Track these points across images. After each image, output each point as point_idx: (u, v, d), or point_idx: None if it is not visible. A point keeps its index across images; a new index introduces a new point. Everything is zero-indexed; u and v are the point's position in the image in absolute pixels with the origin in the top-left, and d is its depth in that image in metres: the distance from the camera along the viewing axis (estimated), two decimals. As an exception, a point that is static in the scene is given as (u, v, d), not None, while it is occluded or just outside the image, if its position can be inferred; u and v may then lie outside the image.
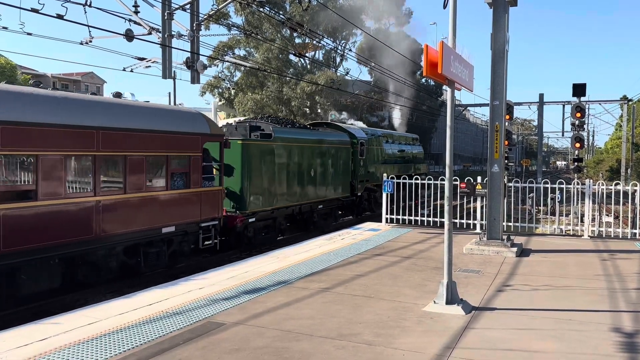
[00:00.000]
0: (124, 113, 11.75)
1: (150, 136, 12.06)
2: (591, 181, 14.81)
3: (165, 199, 12.55)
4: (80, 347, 5.82)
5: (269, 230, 17.60)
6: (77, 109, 10.61)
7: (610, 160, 63.87)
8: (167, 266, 13.08)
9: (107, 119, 11.08)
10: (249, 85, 46.88)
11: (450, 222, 7.51)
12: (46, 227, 9.83)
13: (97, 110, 11.07)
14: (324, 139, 21.17)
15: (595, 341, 6.20)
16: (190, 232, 13.43)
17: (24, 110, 9.46)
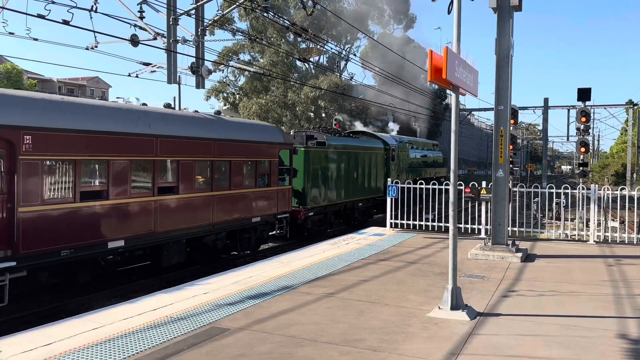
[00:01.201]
0: (229, 127, 15.18)
1: (246, 145, 15.38)
2: (597, 186, 14.75)
3: (254, 195, 15.81)
4: (85, 352, 5.82)
5: (322, 224, 20.79)
6: (202, 125, 14.04)
7: (615, 165, 63.67)
8: (253, 248, 16.37)
9: (219, 132, 14.45)
10: (253, 90, 46.98)
11: (455, 227, 7.49)
12: (182, 214, 13.05)
13: (213, 126, 14.47)
14: (364, 145, 24.66)
15: (601, 347, 6.17)
16: (270, 222, 16.73)
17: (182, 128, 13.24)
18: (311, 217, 19.63)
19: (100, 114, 11.26)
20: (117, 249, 11.40)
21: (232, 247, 15.56)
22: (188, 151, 13.18)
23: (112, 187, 11.20)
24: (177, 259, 13.54)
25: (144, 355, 5.75)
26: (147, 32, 15.97)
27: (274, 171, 16.66)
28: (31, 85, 43.54)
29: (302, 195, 19.19)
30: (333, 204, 21.33)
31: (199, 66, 16.73)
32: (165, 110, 13.55)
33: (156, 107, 13.62)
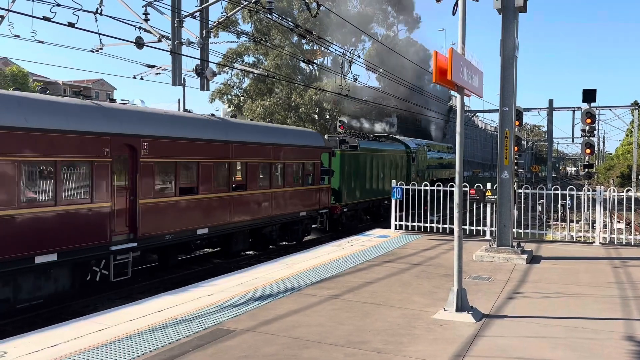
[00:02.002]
0: (283, 134, 17.76)
1: (296, 149, 17.77)
2: (602, 187, 14.68)
3: (302, 193, 18.11)
4: (91, 354, 5.83)
5: (353, 219, 22.90)
6: (262, 132, 16.56)
7: (621, 166, 63.43)
8: (299, 239, 18.62)
9: (276, 138, 16.91)
10: (257, 92, 47.05)
11: (460, 228, 7.47)
12: (248, 208, 15.35)
13: (271, 132, 17.12)
14: (389, 148, 27.19)
15: (607, 350, 6.13)
16: (313, 216, 19.15)
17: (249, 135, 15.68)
18: (345, 213, 21.98)
19: (193, 124, 13.73)
20: (203, 235, 13.83)
21: (282, 238, 18.01)
22: (253, 154, 15.57)
23: (201, 184, 13.57)
24: (242, 246, 15.99)
25: (149, 357, 5.76)
26: (151, 35, 16.00)
27: (317, 172, 19.15)
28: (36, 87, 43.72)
29: (338, 193, 21.51)
30: (363, 201, 23.65)
31: (204, 68, 16.75)
32: (236, 120, 17.05)
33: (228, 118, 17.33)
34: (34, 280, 9.89)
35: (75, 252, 10.38)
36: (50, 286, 10.25)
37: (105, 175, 10.96)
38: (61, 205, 10.08)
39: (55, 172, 9.96)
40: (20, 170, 9.38)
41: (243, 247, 16.09)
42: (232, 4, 21.60)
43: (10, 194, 9.20)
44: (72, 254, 10.30)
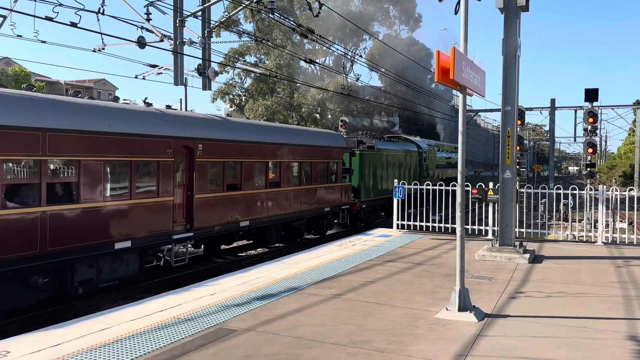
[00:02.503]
0: (310, 135, 19.55)
1: (322, 149, 19.42)
2: (604, 187, 14.65)
3: (327, 190, 19.64)
4: (93, 353, 5.84)
5: (370, 215, 24.03)
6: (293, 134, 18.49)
7: (623, 166, 63.29)
8: (323, 233, 20.13)
9: (304, 139, 18.55)
10: (259, 91, 47.06)
11: (462, 228, 7.46)
12: (281, 203, 16.76)
13: (299, 134, 19.04)
14: (403, 149, 28.75)
15: (610, 349, 6.12)
16: (335, 212, 20.49)
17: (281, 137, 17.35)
18: (364, 209, 23.18)
19: (237, 128, 15.52)
20: (244, 227, 15.36)
21: (309, 231, 19.76)
22: (286, 155, 17.14)
23: (243, 181, 15.12)
24: (275, 238, 17.48)
25: (151, 356, 5.76)
26: (153, 34, 16.00)
27: (340, 170, 20.73)
28: (39, 87, 43.78)
29: (357, 190, 22.74)
30: (379, 198, 24.83)
31: (206, 68, 16.75)
32: (271, 124, 18.77)
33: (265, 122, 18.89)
34: (111, 264, 11.39)
35: (145, 240, 11.94)
36: (124, 270, 11.71)
37: (169, 173, 12.51)
38: (135, 199, 11.63)
39: (130, 170, 11.49)
40: (105, 169, 10.93)
41: (276, 239, 17.62)
42: (233, 3, 21.60)
43: (98, 189, 10.78)
44: (142, 241, 11.84)
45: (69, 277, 10.54)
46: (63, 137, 10.10)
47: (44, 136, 9.75)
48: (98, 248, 10.80)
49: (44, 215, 9.75)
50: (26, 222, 9.49)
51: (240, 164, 15.01)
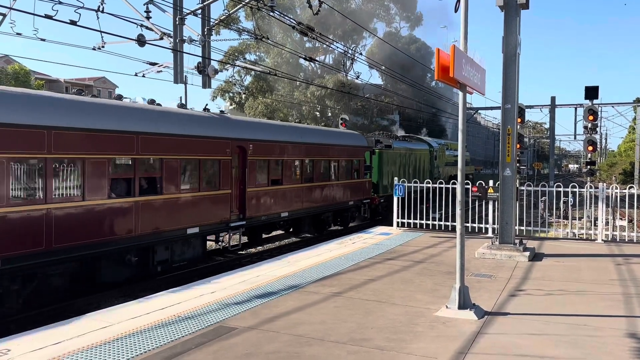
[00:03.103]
0: (337, 135, 21.63)
1: (347, 148, 21.42)
2: (605, 185, 14.65)
3: (351, 186, 21.50)
4: (93, 351, 5.85)
5: (388, 209, 23.92)
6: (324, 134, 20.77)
7: (623, 163, 63.30)
8: (346, 225, 21.95)
9: (333, 139, 20.62)
10: (259, 89, 47.03)
11: (462, 226, 7.47)
12: (314, 197, 18.88)
13: (329, 134, 21.36)
14: (417, 147, 30.76)
15: (610, 347, 6.13)
16: (357, 206, 22.21)
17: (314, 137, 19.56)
18: (382, 203, 24.61)
19: (280, 130, 17.74)
20: (284, 217, 17.23)
21: (334, 223, 21.58)
22: (317, 153, 19.14)
23: (284, 177, 17.06)
24: (308, 228, 19.67)
25: (152, 354, 5.77)
26: (153, 32, 15.99)
27: (362, 168, 22.60)
28: (39, 85, 43.69)
29: (376, 186, 24.39)
30: None
31: (205, 66, 16.74)
32: (306, 126, 21.94)
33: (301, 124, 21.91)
34: (182, 247, 13.22)
35: (208, 227, 13.83)
36: (191, 252, 13.51)
37: (228, 169, 14.40)
38: (202, 191, 13.52)
39: (199, 167, 13.41)
40: (180, 166, 12.76)
41: (308, 229, 19.73)
42: (233, 1, 21.58)
43: (175, 183, 12.64)
44: (207, 227, 13.74)
45: (150, 258, 12.36)
46: (151, 139, 11.92)
47: (137, 138, 11.59)
48: (174, 232, 12.73)
49: (137, 204, 11.67)
50: (125, 210, 11.41)
51: (282, 161, 17.06)
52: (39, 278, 10.15)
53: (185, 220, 12.91)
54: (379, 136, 27.75)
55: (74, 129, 10.29)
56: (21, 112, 9.43)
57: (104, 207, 10.92)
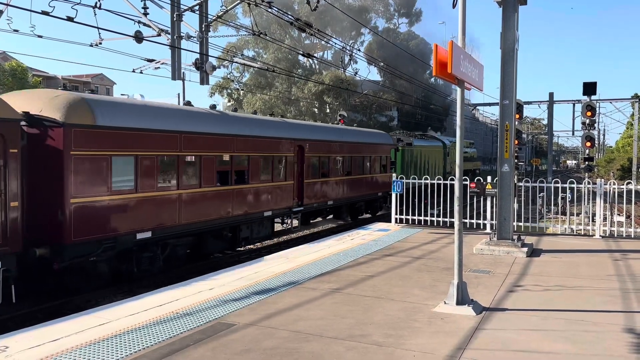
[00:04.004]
0: (369, 135, 24.62)
1: (377, 146, 24.50)
2: (602, 180, 14.66)
3: (379, 179, 24.31)
4: (92, 348, 5.85)
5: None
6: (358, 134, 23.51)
7: (621, 159, 63.38)
8: (375, 214, 24.91)
9: (366, 139, 23.65)
10: (257, 85, 46.96)
11: (460, 222, 7.48)
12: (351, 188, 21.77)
13: (362, 134, 24.08)
14: (433, 145, 34.03)
15: (608, 342, 6.15)
16: (384, 197, 24.73)
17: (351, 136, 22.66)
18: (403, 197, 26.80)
19: (328, 130, 21.33)
20: (330, 205, 20.70)
21: (366, 212, 24.46)
22: (355, 150, 22.08)
23: (330, 171, 20.23)
24: (345, 215, 22.72)
25: (150, 351, 5.77)
26: (151, 29, 15.93)
27: (388, 163, 25.75)
28: (36, 82, 43.56)
29: None
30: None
31: (203, 62, 16.69)
32: (345, 127, 24.65)
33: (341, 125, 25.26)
34: (258, 226, 16.33)
35: (277, 211, 17.01)
36: (263, 231, 16.69)
37: (292, 164, 17.60)
38: (274, 182, 16.65)
39: (272, 162, 16.52)
40: (261, 161, 16.02)
41: (345, 216, 22.82)
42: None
43: (257, 175, 15.87)
44: (276, 211, 16.93)
45: (237, 234, 15.41)
46: (243, 140, 15.16)
47: (234, 140, 14.78)
48: (255, 214, 15.86)
49: (233, 192, 14.84)
50: (226, 195, 14.54)
51: (329, 158, 20.18)
52: (170, 246, 13.20)
53: (263, 205, 16.17)
54: (400, 135, 30.99)
55: (195, 133, 13.39)
56: (165, 121, 12.62)
57: (213, 193, 14.04)
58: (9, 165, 9.29)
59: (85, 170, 10.60)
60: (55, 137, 10.28)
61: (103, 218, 11.03)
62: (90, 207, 10.71)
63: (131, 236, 11.64)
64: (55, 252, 10.27)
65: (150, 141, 12.03)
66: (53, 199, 10.27)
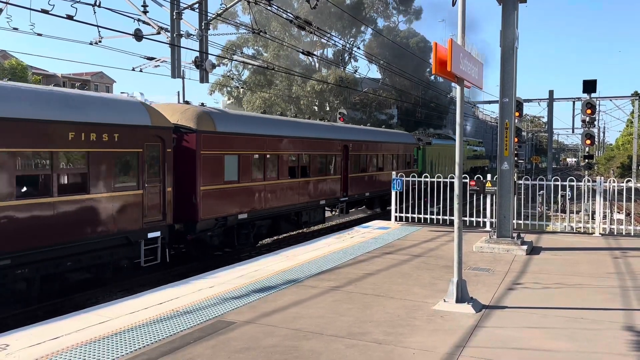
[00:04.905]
0: (398, 135, 28.99)
1: (403, 145, 28.18)
2: (602, 178, 14.66)
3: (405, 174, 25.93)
4: (92, 346, 5.86)
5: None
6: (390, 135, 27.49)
7: (621, 157, 63.36)
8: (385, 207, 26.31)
9: (398, 138, 28.48)
10: (257, 84, 46.92)
11: (460, 220, 7.48)
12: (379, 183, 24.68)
13: (393, 134, 28.79)
14: (447, 144, 36.28)
15: (607, 340, 6.16)
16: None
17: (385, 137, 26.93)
18: None
19: (367, 132, 25.23)
20: (367, 197, 23.97)
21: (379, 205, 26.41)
22: (386, 149, 25.82)
23: (367, 167, 23.90)
24: (377, 207, 26.16)
25: (150, 349, 5.78)
26: (150, 27, 15.93)
27: (412, 160, 29.48)
28: (36, 80, 43.54)
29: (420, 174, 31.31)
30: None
31: (203, 60, 16.70)
32: (380, 129, 28.57)
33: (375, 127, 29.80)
34: (313, 212, 19.99)
35: (329, 200, 20.69)
36: (317, 217, 20.35)
37: (339, 161, 21.35)
38: (327, 175, 20.38)
39: (326, 160, 20.32)
40: (319, 158, 19.73)
41: (377, 207, 26.12)
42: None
43: (316, 169, 19.50)
44: (328, 200, 20.63)
45: (300, 219, 19.00)
46: (307, 141, 18.82)
47: (300, 141, 18.41)
48: (314, 203, 19.50)
49: (299, 184, 18.33)
50: (295, 186, 18.09)
51: (367, 155, 23.74)
52: (257, 226, 16.68)
53: (319, 195, 19.73)
54: (420, 134, 35.36)
55: (274, 136, 16.96)
56: (255, 127, 16.30)
57: (286, 184, 17.54)
58: (166, 161, 12.59)
59: (209, 165, 14.10)
60: (190, 140, 13.70)
61: (219, 202, 14.55)
62: (211, 193, 14.24)
63: (235, 217, 15.26)
64: (188, 227, 13.78)
65: (247, 143, 15.57)
66: (188, 187, 13.68)
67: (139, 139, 11.87)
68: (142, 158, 11.97)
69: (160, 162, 12.42)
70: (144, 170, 12.04)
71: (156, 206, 12.37)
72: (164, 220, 12.56)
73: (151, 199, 12.22)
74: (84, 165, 10.66)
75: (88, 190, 10.69)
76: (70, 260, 10.62)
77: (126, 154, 11.62)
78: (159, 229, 12.42)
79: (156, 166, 12.35)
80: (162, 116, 12.68)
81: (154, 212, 12.33)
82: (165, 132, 12.57)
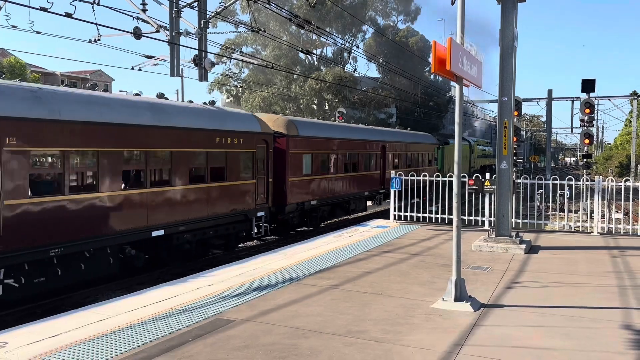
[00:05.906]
0: (417, 136, 32.11)
1: (425, 144, 31.92)
2: (601, 177, 14.68)
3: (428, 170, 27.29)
4: (91, 344, 5.86)
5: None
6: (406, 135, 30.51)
7: (619, 156, 63.44)
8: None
9: (416, 139, 31.36)
10: (256, 82, 46.89)
11: (458, 219, 7.48)
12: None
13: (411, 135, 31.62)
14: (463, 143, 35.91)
15: (605, 338, 6.17)
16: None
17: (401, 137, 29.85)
18: None
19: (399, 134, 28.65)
20: (381, 193, 26.03)
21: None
22: (413, 148, 29.79)
23: (400, 164, 27.43)
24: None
25: (149, 347, 5.79)
26: (149, 25, 15.91)
27: (433, 158, 33.18)
28: (34, 78, 43.46)
29: (440, 171, 30.65)
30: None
31: (202, 59, 16.68)
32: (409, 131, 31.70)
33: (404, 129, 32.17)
34: (358, 202, 23.61)
35: (371, 192, 24.46)
36: (361, 206, 24.19)
37: (379, 159, 25.22)
38: (369, 171, 24.23)
39: (369, 157, 24.13)
40: (364, 156, 23.79)
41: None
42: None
43: (361, 166, 23.38)
44: (370, 192, 24.44)
45: (349, 206, 22.95)
46: (352, 142, 22.53)
47: (351, 142, 22.35)
48: (358, 194, 23.37)
49: (350, 177, 22.31)
50: (343, 180, 21.81)
51: (399, 154, 27.49)
52: (321, 211, 20.63)
53: (363, 187, 23.49)
54: (437, 135, 38.58)
55: (335, 138, 21.12)
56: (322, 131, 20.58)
57: (342, 178, 21.62)
58: (269, 159, 16.59)
59: (294, 162, 18.16)
60: (281, 142, 17.71)
61: (299, 191, 18.53)
62: (295, 184, 18.24)
63: (309, 202, 19.30)
64: (279, 209, 17.68)
65: (317, 144, 19.76)
66: (280, 178, 17.55)
67: (253, 142, 15.87)
68: (255, 156, 15.99)
69: (265, 159, 16.44)
70: (256, 165, 15.99)
71: (263, 192, 16.38)
72: (267, 203, 16.67)
73: (260, 187, 16.18)
74: (223, 161, 14.63)
75: (225, 179, 14.72)
76: (212, 230, 14.48)
77: (246, 153, 15.61)
78: (264, 210, 16.47)
79: (262, 162, 16.33)
80: (266, 124, 16.78)
81: (262, 196, 16.33)
82: (268, 136, 16.69)
